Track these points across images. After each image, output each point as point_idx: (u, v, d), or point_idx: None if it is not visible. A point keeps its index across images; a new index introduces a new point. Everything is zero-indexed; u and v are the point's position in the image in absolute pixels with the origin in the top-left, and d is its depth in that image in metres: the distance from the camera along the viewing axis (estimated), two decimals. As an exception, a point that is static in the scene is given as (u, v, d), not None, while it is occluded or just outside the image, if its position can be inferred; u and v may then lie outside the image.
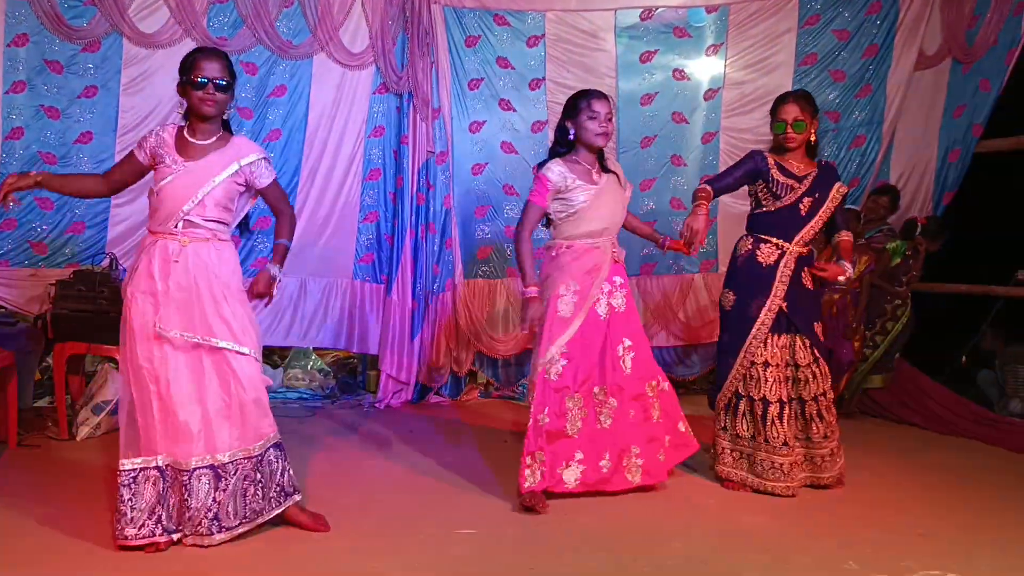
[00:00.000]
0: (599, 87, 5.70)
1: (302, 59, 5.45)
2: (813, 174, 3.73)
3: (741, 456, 3.75)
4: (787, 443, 3.65)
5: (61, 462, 3.96)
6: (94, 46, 5.12)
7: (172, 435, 2.90)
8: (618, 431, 3.59)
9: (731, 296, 3.82)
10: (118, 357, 4.36)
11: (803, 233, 3.72)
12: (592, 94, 3.60)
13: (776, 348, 3.70)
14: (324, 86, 5.54)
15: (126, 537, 2.84)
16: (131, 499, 2.85)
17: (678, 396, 5.93)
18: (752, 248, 3.78)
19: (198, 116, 3.00)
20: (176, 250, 2.95)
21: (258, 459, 3.00)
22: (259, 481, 3.00)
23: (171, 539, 2.89)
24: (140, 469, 2.88)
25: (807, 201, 3.70)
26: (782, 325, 3.71)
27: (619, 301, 3.65)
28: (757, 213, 3.83)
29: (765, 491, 3.66)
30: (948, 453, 4.57)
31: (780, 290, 3.68)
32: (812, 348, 3.72)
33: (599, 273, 3.58)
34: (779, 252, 3.71)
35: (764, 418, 3.66)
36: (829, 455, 3.75)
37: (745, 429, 3.73)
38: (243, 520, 2.96)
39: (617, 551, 3.01)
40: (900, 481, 3.94)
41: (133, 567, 2.77)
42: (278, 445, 3.08)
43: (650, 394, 3.67)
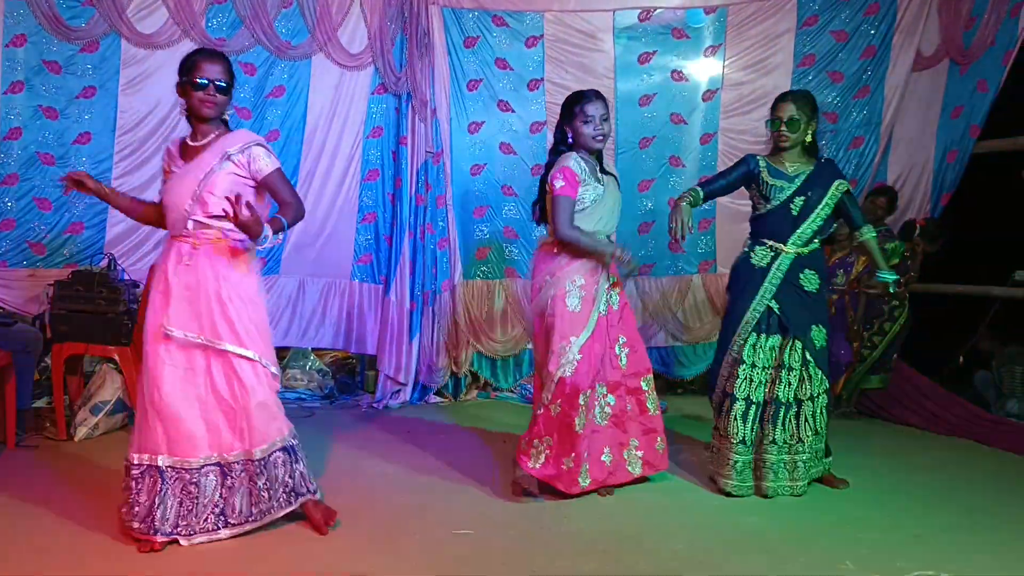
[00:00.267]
0: (598, 88, 5.74)
1: (300, 59, 5.46)
2: (807, 173, 3.69)
3: (745, 466, 3.71)
4: (744, 442, 3.65)
5: (59, 462, 3.96)
6: (92, 46, 5.13)
7: (175, 436, 2.91)
8: (618, 426, 3.67)
9: (727, 298, 3.89)
10: (116, 357, 4.43)
11: (799, 233, 3.68)
12: (585, 97, 3.59)
13: (763, 349, 3.68)
14: (322, 87, 5.54)
15: (134, 529, 2.89)
16: (137, 493, 2.89)
17: (677, 396, 6.01)
18: (748, 250, 3.79)
19: (198, 117, 3.01)
20: (188, 252, 2.96)
21: (261, 463, 3.01)
22: (265, 484, 3.01)
23: (165, 540, 2.89)
24: (147, 466, 2.91)
25: (798, 201, 3.67)
26: (772, 326, 3.69)
27: (615, 299, 3.70)
28: (754, 217, 3.84)
29: (720, 488, 3.68)
30: (945, 453, 4.57)
31: (768, 291, 3.67)
32: (804, 351, 3.65)
33: (602, 272, 3.60)
34: (773, 254, 3.70)
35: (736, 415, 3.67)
36: (805, 462, 3.69)
37: (748, 435, 3.69)
38: (249, 519, 3.00)
39: (615, 552, 3.02)
40: (897, 482, 3.95)
41: (132, 566, 2.78)
42: (287, 448, 3.08)
43: (645, 387, 3.73)
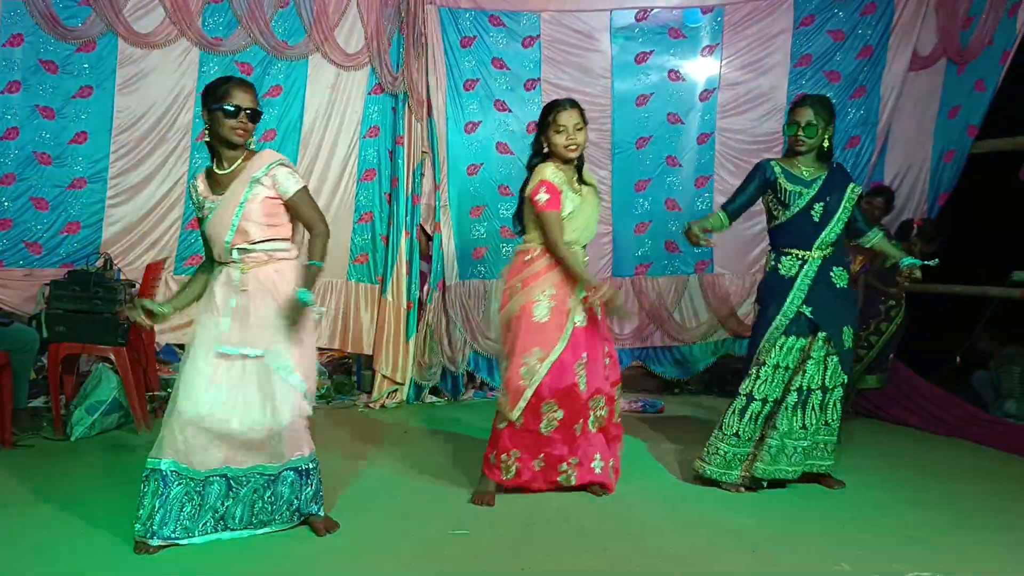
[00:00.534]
0: (594, 88, 5.77)
1: (297, 59, 5.46)
2: (823, 177, 3.70)
3: (735, 457, 3.73)
4: (738, 435, 3.70)
5: (56, 462, 3.96)
6: (89, 46, 5.13)
7: (194, 444, 2.92)
8: (608, 435, 3.66)
9: (757, 308, 3.85)
10: (112, 356, 4.43)
11: (822, 239, 3.68)
12: (558, 106, 3.52)
13: (792, 351, 3.68)
14: (319, 86, 5.55)
15: (136, 532, 2.89)
16: (143, 496, 2.91)
17: (673, 396, 6.00)
18: (775, 263, 3.76)
19: (227, 144, 2.96)
20: (238, 277, 2.96)
21: (271, 478, 3.03)
22: (270, 499, 3.04)
23: (161, 545, 2.89)
24: (151, 470, 2.92)
25: (818, 207, 3.67)
26: (802, 328, 3.68)
27: (597, 308, 3.61)
28: (774, 227, 3.81)
29: (697, 473, 3.77)
30: (942, 454, 4.57)
31: (798, 297, 3.67)
32: (829, 344, 3.67)
33: (576, 283, 3.53)
34: (800, 262, 3.70)
35: (757, 416, 3.69)
36: (804, 449, 3.71)
37: (744, 431, 3.71)
38: (247, 526, 3.03)
39: (610, 551, 3.02)
40: (893, 482, 3.94)
41: (129, 566, 2.78)
42: (300, 471, 3.06)
43: (616, 396, 3.69)
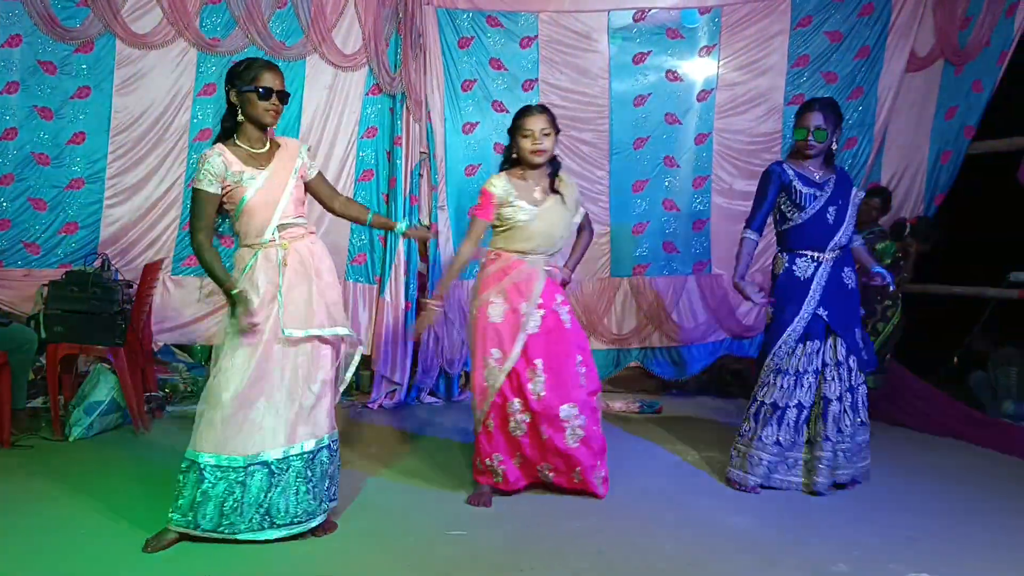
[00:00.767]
0: (592, 88, 5.78)
1: (295, 60, 5.45)
2: (833, 179, 3.74)
3: (759, 461, 3.74)
4: (779, 443, 3.71)
5: (54, 462, 3.96)
6: (87, 47, 5.13)
7: (238, 432, 2.94)
8: (589, 448, 3.55)
9: (771, 310, 3.83)
10: (111, 357, 4.43)
11: (836, 240, 3.71)
12: (526, 111, 3.56)
13: (808, 355, 3.70)
14: (317, 87, 5.54)
15: (170, 520, 2.94)
16: (182, 487, 2.95)
17: (672, 396, 6.01)
18: (789, 264, 3.76)
19: (257, 125, 3.03)
20: (280, 256, 3.00)
21: (311, 455, 3.05)
22: (310, 480, 3.04)
23: (178, 537, 2.95)
24: (192, 462, 2.94)
25: (832, 209, 3.70)
26: (818, 331, 3.70)
27: (565, 317, 3.61)
28: (786, 229, 3.80)
29: (739, 484, 3.77)
30: (939, 454, 4.58)
31: (814, 300, 3.68)
32: (843, 349, 3.72)
33: (530, 288, 3.54)
34: (816, 264, 3.72)
35: (780, 422, 3.71)
36: (846, 451, 3.75)
37: (768, 436, 3.73)
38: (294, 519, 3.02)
39: (607, 552, 3.02)
40: (890, 483, 3.95)
41: (127, 566, 2.79)
42: (332, 449, 3.15)
43: (596, 405, 3.63)
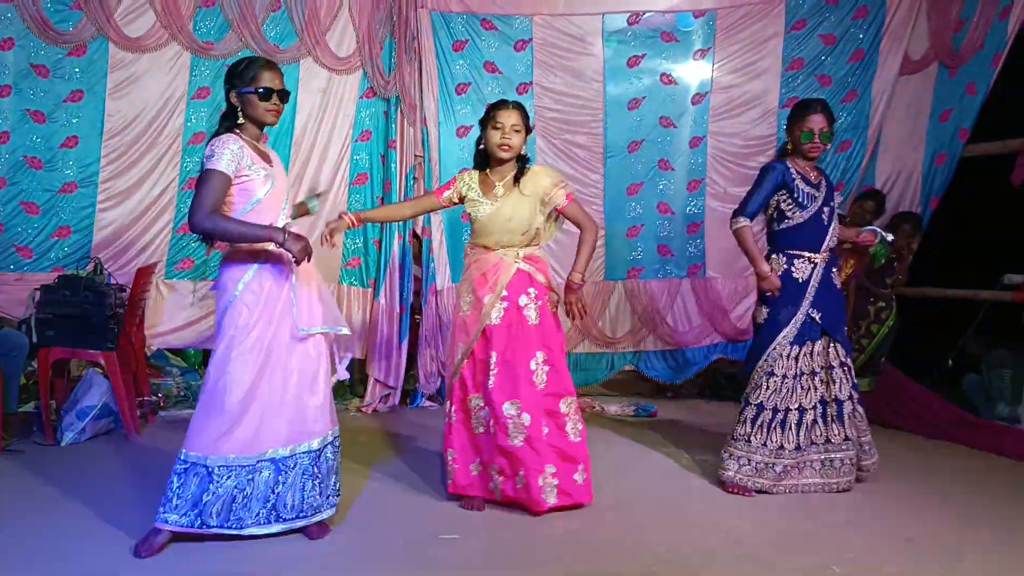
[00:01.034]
0: (587, 91, 5.78)
1: (289, 63, 5.44)
2: (824, 181, 3.79)
3: (750, 463, 3.74)
4: (783, 447, 3.72)
5: (46, 467, 3.94)
6: (80, 50, 5.13)
7: (247, 433, 2.96)
8: (533, 449, 3.38)
9: (765, 311, 3.79)
10: (102, 361, 4.41)
11: (828, 241, 3.75)
12: (501, 105, 3.51)
13: (804, 356, 3.72)
14: (311, 90, 5.54)
15: (164, 521, 2.92)
16: (180, 488, 2.94)
17: (667, 400, 5.99)
18: (787, 266, 3.76)
19: (259, 124, 3.06)
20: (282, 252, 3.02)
21: (317, 453, 3.11)
22: (316, 476, 3.08)
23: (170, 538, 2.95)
24: (194, 463, 2.93)
25: (825, 211, 3.74)
26: (812, 332, 3.72)
27: (531, 314, 3.49)
28: (783, 228, 3.79)
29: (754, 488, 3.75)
30: (933, 457, 4.58)
31: (808, 302, 3.70)
32: (842, 349, 3.77)
33: (496, 279, 3.50)
34: (811, 265, 3.73)
35: (780, 425, 3.72)
36: (844, 461, 3.79)
37: (766, 439, 3.73)
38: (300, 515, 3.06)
39: (601, 556, 3.02)
40: (885, 485, 3.94)
41: (120, 570, 2.78)
42: (335, 446, 3.26)
43: (564, 410, 3.48)
